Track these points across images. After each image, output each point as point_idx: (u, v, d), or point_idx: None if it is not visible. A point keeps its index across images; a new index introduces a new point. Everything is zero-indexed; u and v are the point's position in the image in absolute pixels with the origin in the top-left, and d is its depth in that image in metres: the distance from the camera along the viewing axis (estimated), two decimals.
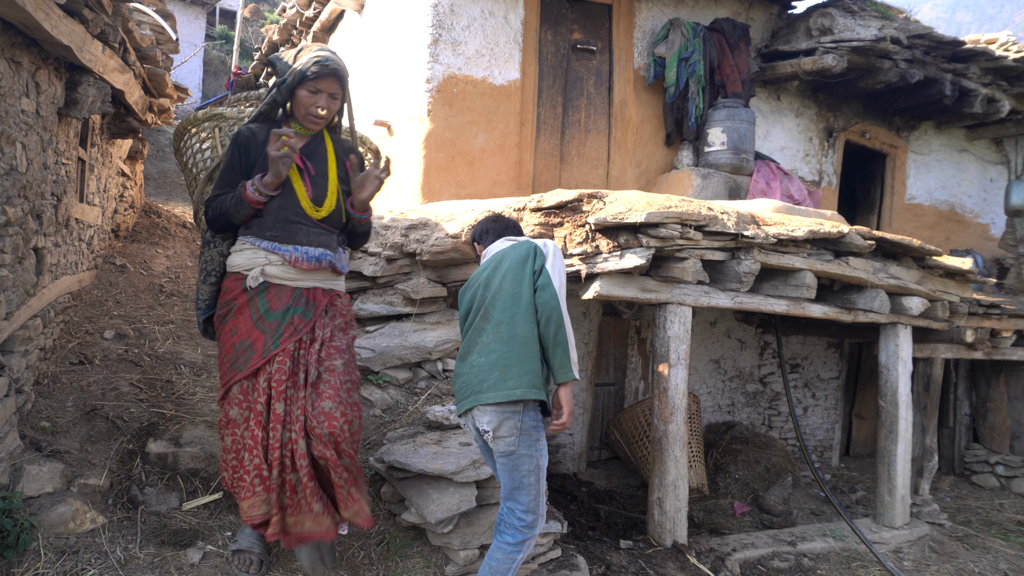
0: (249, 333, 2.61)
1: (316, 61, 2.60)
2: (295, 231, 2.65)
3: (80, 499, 2.96)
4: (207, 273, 2.76)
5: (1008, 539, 5.46)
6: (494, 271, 2.66)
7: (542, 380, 2.54)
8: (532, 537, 2.53)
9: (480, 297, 2.67)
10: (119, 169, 6.37)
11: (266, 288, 2.63)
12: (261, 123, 2.72)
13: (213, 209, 2.67)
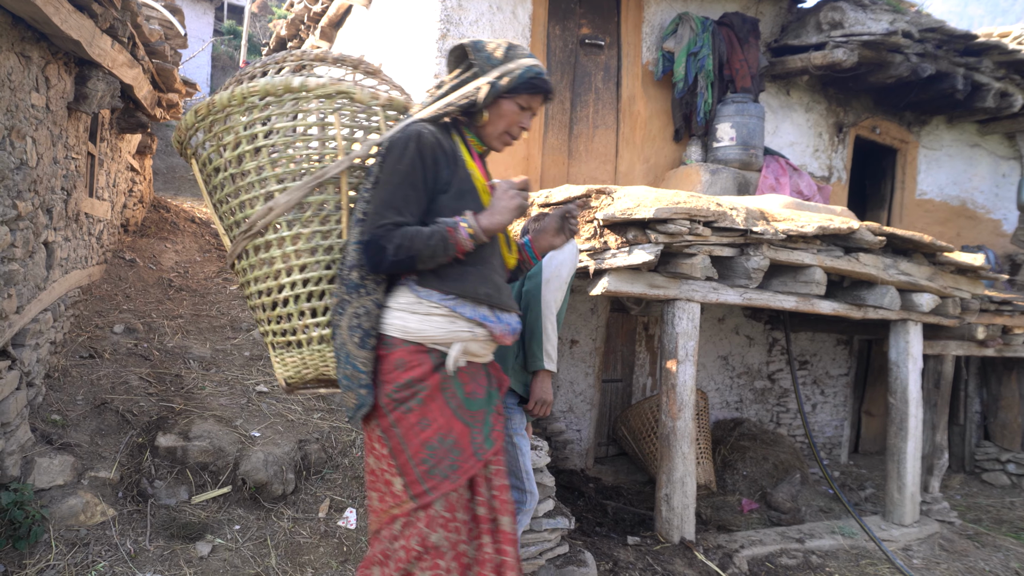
0: (450, 426, 1.91)
1: (537, 72, 1.99)
2: (501, 291, 2.02)
3: (90, 492, 2.98)
4: (365, 333, 1.86)
5: (1019, 537, 5.42)
6: None
7: (513, 367, 2.59)
8: (523, 513, 2.56)
9: None
10: (128, 164, 6.40)
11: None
12: (438, 127, 1.99)
13: (401, 246, 1.82)
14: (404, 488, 1.86)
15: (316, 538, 3.11)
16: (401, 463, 1.87)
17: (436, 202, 1.92)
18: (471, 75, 2.00)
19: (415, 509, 1.85)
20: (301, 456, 3.55)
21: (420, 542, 1.84)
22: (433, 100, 2.01)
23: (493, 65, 1.99)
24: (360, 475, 3.49)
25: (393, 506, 1.87)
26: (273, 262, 1.93)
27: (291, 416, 3.87)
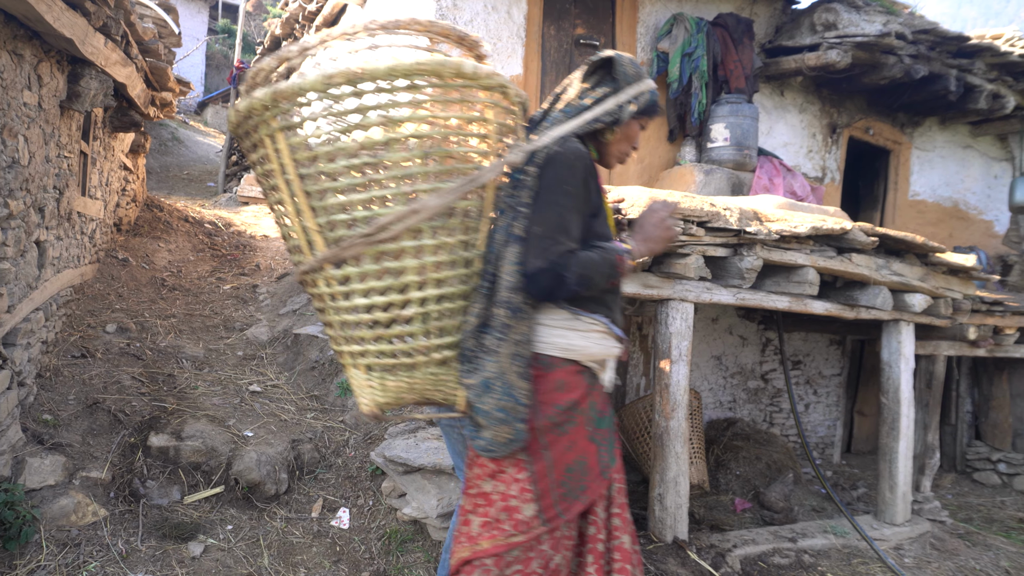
0: (585, 448, 1.86)
1: (656, 94, 1.98)
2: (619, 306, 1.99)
3: (82, 492, 2.96)
4: (525, 361, 1.75)
5: (1010, 536, 5.46)
6: None
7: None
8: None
9: None
10: (121, 163, 6.37)
11: None
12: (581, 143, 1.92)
13: (582, 277, 1.75)
14: (537, 514, 1.77)
15: (309, 538, 3.11)
16: (542, 488, 1.78)
17: (587, 225, 1.85)
18: (610, 91, 1.93)
19: (541, 533, 1.77)
20: (294, 456, 3.54)
21: (543, 564, 1.77)
22: (573, 111, 1.91)
23: (629, 83, 1.93)
24: (353, 474, 3.48)
25: (513, 534, 1.76)
26: (402, 273, 1.62)
27: (284, 416, 3.86)
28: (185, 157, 14.57)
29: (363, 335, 1.67)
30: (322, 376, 4.27)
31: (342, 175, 1.56)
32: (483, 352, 1.71)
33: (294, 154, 1.56)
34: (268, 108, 1.53)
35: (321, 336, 4.52)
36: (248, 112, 1.55)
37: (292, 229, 1.66)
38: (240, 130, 1.63)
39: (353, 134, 1.54)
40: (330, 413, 3.95)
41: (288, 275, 6.23)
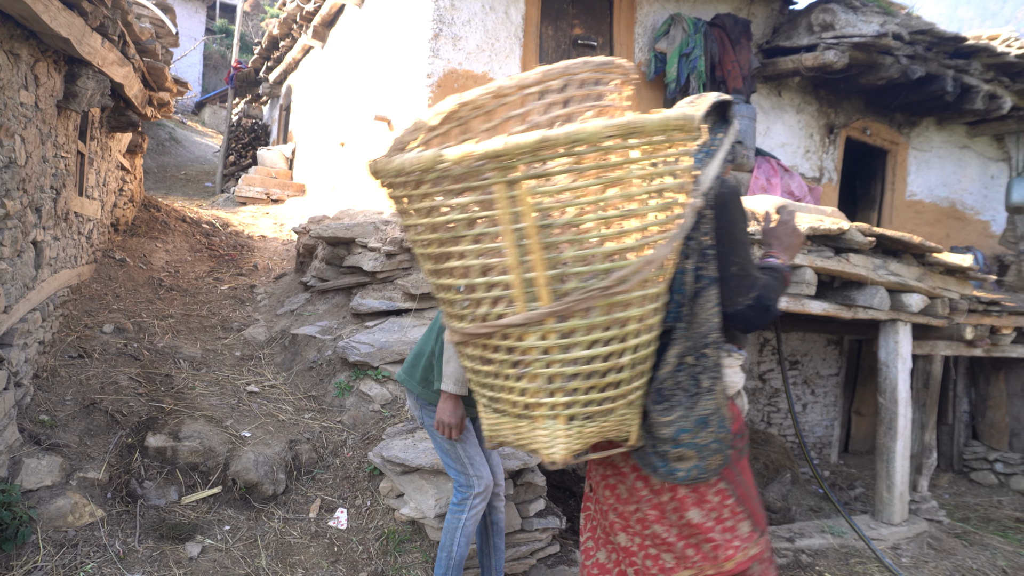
0: (749, 470, 2.07)
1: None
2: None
3: (79, 492, 2.96)
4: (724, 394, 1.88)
5: (1006, 536, 5.47)
6: None
7: (423, 374, 2.67)
8: (471, 498, 2.64)
9: None
10: (118, 163, 6.36)
11: None
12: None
13: (775, 300, 1.89)
14: (752, 528, 1.90)
15: (307, 538, 3.10)
16: (750, 508, 1.92)
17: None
18: (728, 135, 2.00)
19: (761, 544, 1.91)
20: (292, 456, 3.54)
21: (776, 570, 1.96)
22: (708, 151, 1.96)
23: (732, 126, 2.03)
24: (351, 475, 3.48)
25: (747, 547, 1.88)
26: (627, 322, 1.59)
27: (282, 416, 3.86)
28: (183, 157, 14.55)
29: (577, 386, 1.62)
30: (320, 376, 4.27)
31: (584, 227, 1.54)
32: (696, 390, 1.80)
33: (536, 204, 1.47)
34: (516, 155, 1.41)
35: (319, 336, 4.52)
36: (484, 157, 1.41)
37: (492, 283, 1.55)
38: (452, 172, 1.46)
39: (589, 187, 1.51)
40: (328, 413, 3.95)
41: (286, 275, 6.23)
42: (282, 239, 7.73)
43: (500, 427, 1.75)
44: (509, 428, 1.73)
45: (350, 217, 5.22)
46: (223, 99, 18.52)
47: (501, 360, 1.62)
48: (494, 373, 1.66)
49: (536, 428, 1.68)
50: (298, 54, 10.94)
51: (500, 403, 1.70)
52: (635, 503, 1.94)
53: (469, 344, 1.66)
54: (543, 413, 1.65)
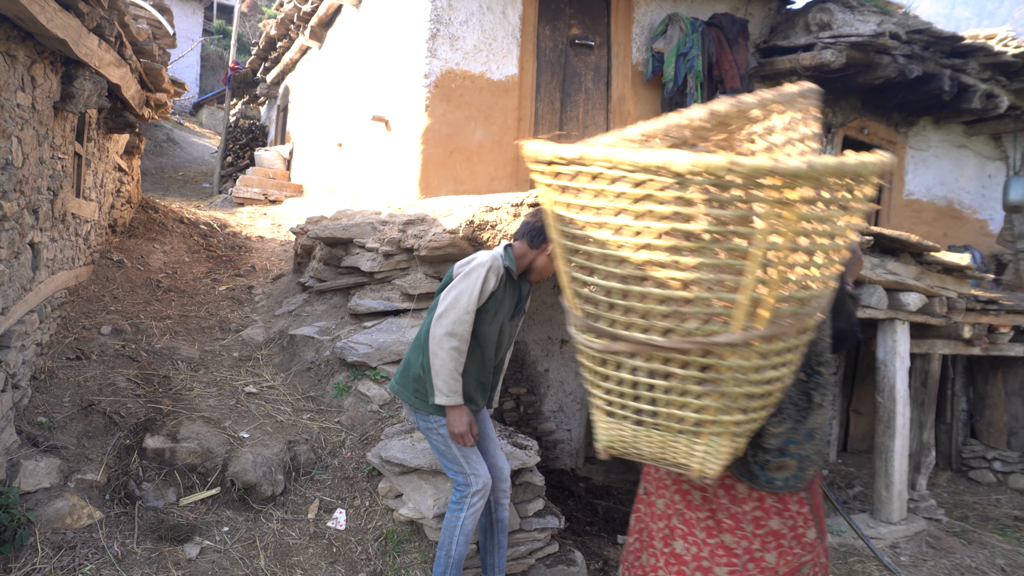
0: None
1: None
2: None
3: (77, 494, 2.95)
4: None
5: (1005, 534, 5.47)
6: None
7: (415, 385, 2.73)
8: (469, 496, 2.66)
9: None
10: (116, 164, 6.35)
11: None
12: None
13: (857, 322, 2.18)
14: (817, 536, 2.08)
15: (305, 539, 3.10)
16: (818, 515, 2.10)
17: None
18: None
19: (818, 550, 2.08)
20: (290, 457, 3.54)
21: (825, 571, 2.13)
22: None
23: None
24: (350, 475, 3.48)
25: (803, 555, 2.04)
26: (797, 347, 1.63)
27: (280, 417, 3.86)
28: (180, 158, 14.54)
29: (751, 405, 1.62)
30: (318, 377, 4.27)
31: (815, 254, 1.52)
32: (807, 405, 1.92)
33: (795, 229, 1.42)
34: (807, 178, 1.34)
35: (317, 337, 4.52)
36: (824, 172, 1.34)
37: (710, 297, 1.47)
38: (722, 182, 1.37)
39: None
40: (326, 414, 3.95)
41: (284, 275, 6.23)
42: (280, 240, 7.72)
43: (637, 440, 1.70)
44: (655, 442, 1.68)
45: (348, 217, 5.22)
46: (220, 100, 18.50)
47: (685, 376, 1.55)
48: (666, 388, 1.58)
49: (696, 444, 1.64)
50: (295, 55, 10.93)
51: (658, 417, 1.63)
52: (708, 510, 1.99)
53: (642, 355, 1.55)
54: (714, 430, 1.62)
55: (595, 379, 1.68)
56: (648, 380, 1.59)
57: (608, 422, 1.72)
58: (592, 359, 1.65)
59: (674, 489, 2.07)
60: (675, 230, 1.42)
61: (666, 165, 1.36)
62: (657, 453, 1.71)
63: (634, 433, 1.69)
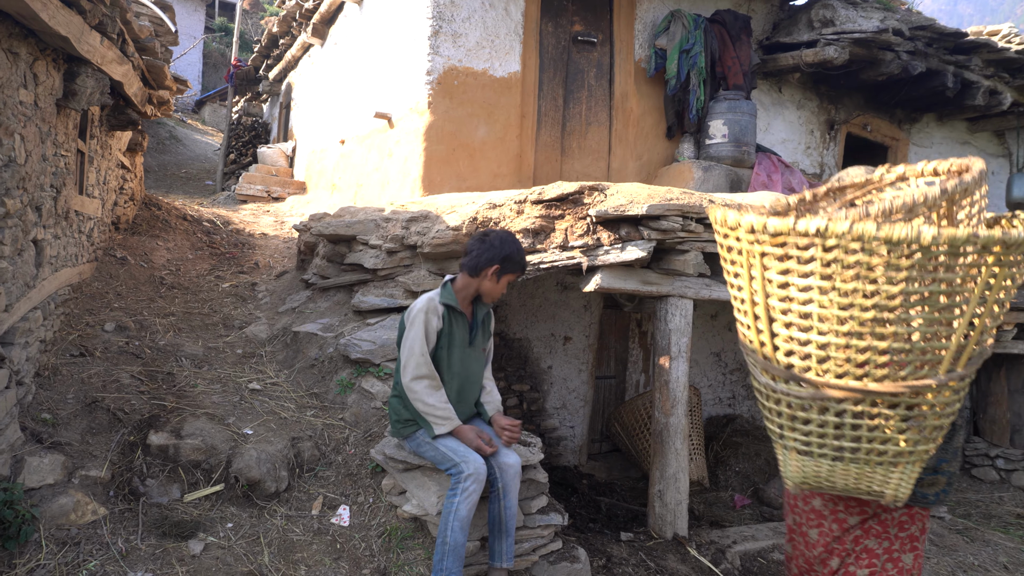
0: None
1: None
2: None
3: (81, 491, 2.96)
4: None
5: (1008, 532, 5.47)
6: None
7: (397, 423, 3.02)
8: (461, 481, 2.76)
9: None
10: (119, 161, 6.36)
11: None
12: None
13: None
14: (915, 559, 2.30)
15: (309, 536, 3.11)
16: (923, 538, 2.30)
17: None
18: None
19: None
20: (294, 453, 3.54)
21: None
22: None
23: None
24: (353, 472, 3.48)
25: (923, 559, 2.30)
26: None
27: (284, 414, 3.86)
28: (183, 155, 14.55)
29: (940, 433, 1.82)
30: (322, 374, 4.27)
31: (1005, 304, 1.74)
32: (952, 428, 2.06)
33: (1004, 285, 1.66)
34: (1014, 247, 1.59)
35: (320, 334, 4.52)
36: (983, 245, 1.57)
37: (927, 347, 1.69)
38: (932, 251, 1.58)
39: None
40: (330, 411, 3.95)
41: (287, 272, 6.23)
42: (283, 237, 7.73)
43: (832, 474, 1.88)
44: (850, 474, 1.88)
45: (351, 214, 5.22)
46: (223, 97, 18.50)
47: (892, 415, 1.75)
48: (872, 426, 1.77)
49: (892, 473, 1.85)
50: (297, 52, 10.93)
51: (859, 452, 1.82)
52: (861, 515, 2.23)
53: (851, 400, 1.74)
54: (910, 460, 1.82)
55: (792, 423, 1.86)
56: (854, 420, 1.78)
57: (803, 460, 1.89)
58: (793, 406, 1.83)
59: (831, 519, 2.29)
60: (904, 292, 1.62)
61: (916, 239, 1.55)
62: (851, 484, 1.90)
63: (830, 468, 1.87)
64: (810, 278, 1.66)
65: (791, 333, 1.75)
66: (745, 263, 1.76)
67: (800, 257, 1.65)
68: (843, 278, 1.63)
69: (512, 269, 2.96)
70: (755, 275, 1.76)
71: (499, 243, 2.93)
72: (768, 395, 1.87)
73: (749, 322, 1.84)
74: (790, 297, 1.71)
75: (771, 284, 1.73)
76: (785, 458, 1.93)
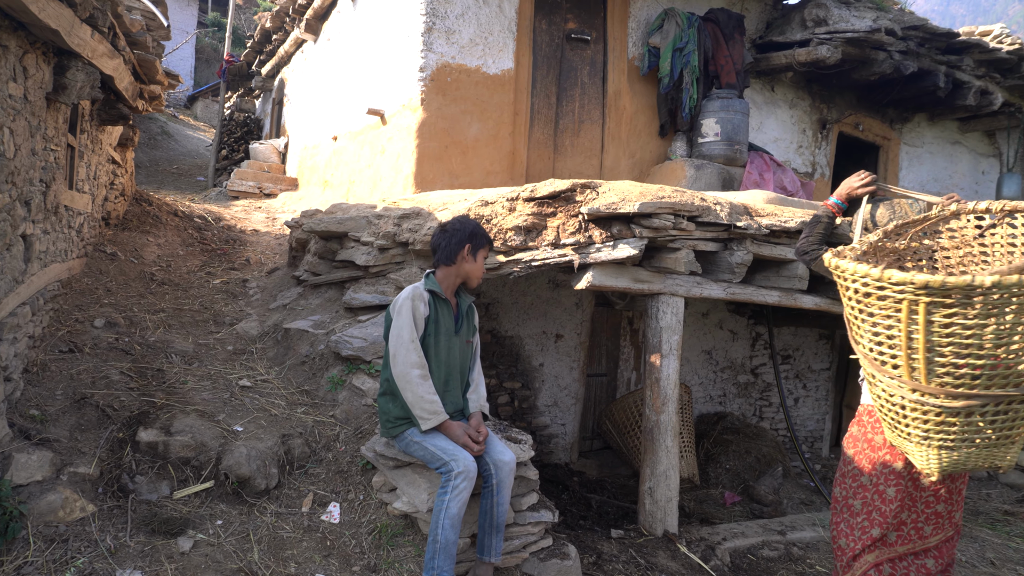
0: None
1: None
2: None
3: (70, 487, 2.95)
4: None
5: (995, 528, 5.51)
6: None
7: (386, 424, 3.03)
8: (452, 479, 2.77)
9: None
10: (109, 156, 6.32)
11: None
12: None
13: None
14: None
15: (299, 533, 3.10)
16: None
17: None
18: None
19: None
20: (284, 450, 3.53)
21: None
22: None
23: None
24: (344, 469, 3.48)
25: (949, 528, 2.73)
26: None
27: (274, 411, 3.85)
28: (175, 151, 14.47)
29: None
30: (312, 371, 4.26)
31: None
32: None
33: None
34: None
35: (311, 331, 4.51)
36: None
37: None
38: None
39: None
40: (320, 408, 3.94)
41: (278, 269, 6.21)
42: (275, 233, 7.70)
43: (968, 459, 2.29)
44: (983, 456, 2.29)
45: (343, 211, 5.21)
46: (215, 93, 18.41)
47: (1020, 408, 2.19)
48: (1005, 420, 2.20)
49: (1011, 449, 2.30)
50: (290, 48, 10.88)
51: (994, 439, 2.24)
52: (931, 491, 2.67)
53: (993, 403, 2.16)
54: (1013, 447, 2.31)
55: (938, 428, 2.25)
56: (994, 417, 2.20)
57: (947, 453, 2.30)
58: (943, 413, 2.21)
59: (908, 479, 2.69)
60: None
61: None
62: (981, 463, 2.32)
63: (967, 455, 2.28)
64: (973, 319, 2.04)
65: (949, 359, 2.11)
66: (906, 308, 2.11)
67: (967, 303, 2.03)
68: (1002, 317, 2.04)
69: (482, 242, 3.05)
70: (916, 319, 2.10)
71: (460, 225, 3.05)
72: (916, 408, 2.24)
73: (901, 354, 2.18)
74: (953, 333, 2.08)
75: (933, 324, 2.09)
76: (927, 454, 2.32)
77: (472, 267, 3.04)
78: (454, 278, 3.05)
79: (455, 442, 2.87)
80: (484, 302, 5.53)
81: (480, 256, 3.06)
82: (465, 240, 3.00)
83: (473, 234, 3.02)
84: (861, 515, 2.81)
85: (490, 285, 5.44)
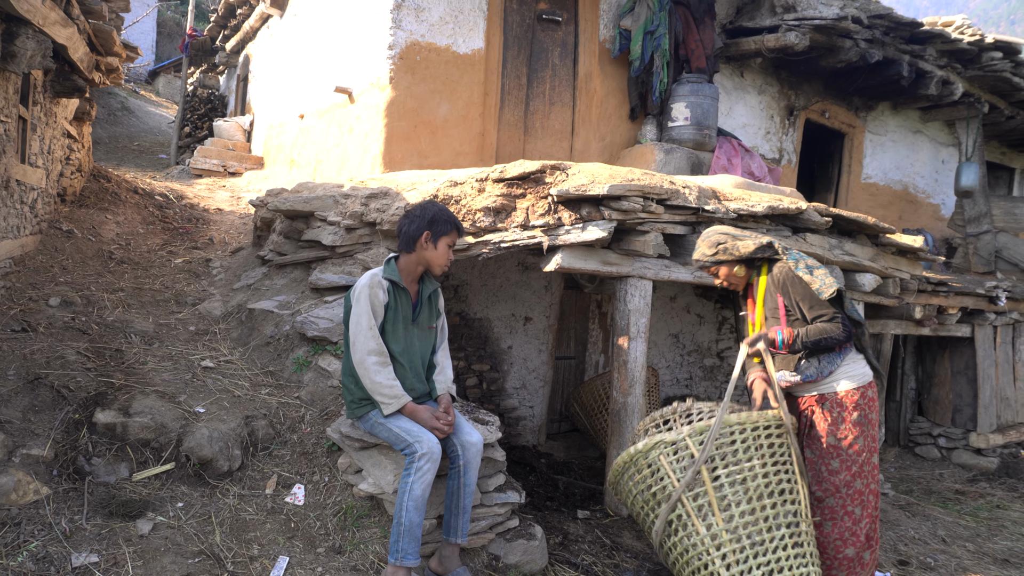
0: None
1: None
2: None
3: (22, 470, 2.86)
4: None
5: (947, 507, 5.70)
6: None
7: (351, 404, 3.01)
8: (415, 461, 2.76)
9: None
10: (65, 130, 6.10)
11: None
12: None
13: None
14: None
15: (263, 515, 3.06)
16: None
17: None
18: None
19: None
20: (248, 432, 3.48)
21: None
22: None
23: None
24: (309, 451, 3.44)
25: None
26: None
27: (238, 392, 3.78)
28: (135, 128, 14.05)
29: None
30: (277, 352, 4.19)
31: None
32: None
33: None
34: None
35: (277, 311, 4.44)
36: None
37: None
38: None
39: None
40: (285, 389, 3.88)
41: (243, 249, 6.08)
42: (239, 212, 7.54)
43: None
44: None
45: (309, 190, 5.11)
46: (178, 68, 17.88)
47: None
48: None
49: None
50: (256, 23, 10.61)
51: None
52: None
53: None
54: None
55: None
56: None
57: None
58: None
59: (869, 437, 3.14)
60: None
61: None
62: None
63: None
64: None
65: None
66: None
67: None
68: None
69: (445, 229, 2.96)
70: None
71: (421, 211, 2.98)
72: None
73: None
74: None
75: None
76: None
77: (433, 255, 2.96)
78: (415, 265, 2.99)
79: (423, 426, 2.84)
80: (453, 284, 5.50)
81: (443, 243, 2.97)
82: (424, 227, 2.92)
83: (433, 220, 2.93)
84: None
85: (459, 267, 5.40)
